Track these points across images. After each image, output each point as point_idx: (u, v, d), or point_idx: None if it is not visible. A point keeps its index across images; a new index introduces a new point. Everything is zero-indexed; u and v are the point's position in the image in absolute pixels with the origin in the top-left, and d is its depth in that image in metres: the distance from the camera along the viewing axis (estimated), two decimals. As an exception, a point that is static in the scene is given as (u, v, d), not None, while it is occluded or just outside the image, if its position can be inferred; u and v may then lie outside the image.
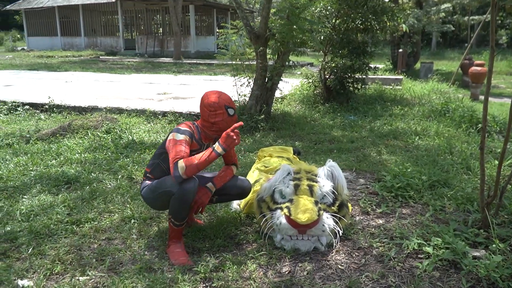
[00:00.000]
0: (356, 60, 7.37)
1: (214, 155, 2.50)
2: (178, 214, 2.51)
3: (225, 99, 2.66)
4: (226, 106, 2.64)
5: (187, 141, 2.56)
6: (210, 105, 2.63)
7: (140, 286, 2.30)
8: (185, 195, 2.44)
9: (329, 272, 2.43)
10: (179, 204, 2.47)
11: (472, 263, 2.30)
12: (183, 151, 2.49)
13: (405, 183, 3.49)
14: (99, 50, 24.64)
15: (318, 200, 2.65)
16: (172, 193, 2.47)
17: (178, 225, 2.58)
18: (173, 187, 2.46)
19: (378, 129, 5.87)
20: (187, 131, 2.60)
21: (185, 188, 2.44)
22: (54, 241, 2.84)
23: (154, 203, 2.68)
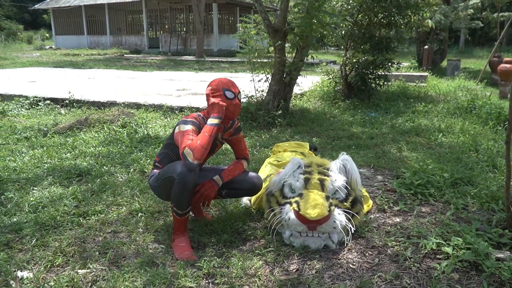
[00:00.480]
0: (378, 55, 7.14)
1: (211, 127, 2.43)
2: (179, 201, 2.42)
3: (225, 83, 2.57)
4: (224, 89, 2.54)
5: (194, 130, 2.48)
6: (210, 89, 2.56)
7: (140, 280, 2.22)
8: (185, 178, 2.34)
9: (339, 271, 2.29)
10: (180, 190, 2.37)
11: (495, 265, 2.11)
12: (190, 140, 2.41)
13: (425, 180, 3.30)
14: (124, 48, 24.98)
15: (330, 195, 2.51)
16: (174, 179, 2.38)
17: (180, 215, 2.48)
18: (174, 173, 2.38)
19: (399, 126, 5.65)
20: (192, 121, 2.53)
21: (185, 172, 2.34)
22: (59, 233, 2.79)
23: (160, 191, 2.61)
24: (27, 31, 37.77)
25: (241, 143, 2.85)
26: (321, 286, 2.15)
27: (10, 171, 4.01)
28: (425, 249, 2.41)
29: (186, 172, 2.35)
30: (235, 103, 2.57)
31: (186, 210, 2.47)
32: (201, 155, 2.35)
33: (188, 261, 2.40)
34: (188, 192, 2.39)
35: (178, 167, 2.39)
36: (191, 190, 2.40)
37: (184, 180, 2.35)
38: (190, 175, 2.36)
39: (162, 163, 2.68)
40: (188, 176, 2.35)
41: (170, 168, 2.46)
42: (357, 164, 4.07)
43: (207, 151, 2.39)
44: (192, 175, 2.36)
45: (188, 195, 2.40)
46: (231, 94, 2.56)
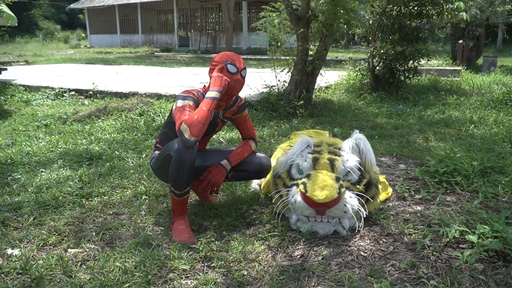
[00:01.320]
0: (408, 46, 6.80)
1: (209, 101, 2.25)
2: (177, 180, 2.25)
3: (229, 56, 2.40)
4: (227, 62, 2.36)
5: (191, 106, 2.31)
6: (213, 60, 2.39)
7: (131, 261, 2.07)
8: (182, 156, 2.18)
9: (348, 258, 2.07)
10: (177, 168, 2.21)
11: None
12: (187, 116, 2.24)
13: (451, 168, 3.02)
14: (155, 47, 25.30)
15: (341, 176, 2.29)
16: (171, 157, 2.22)
17: (178, 195, 2.32)
18: (171, 150, 2.22)
19: (428, 117, 5.32)
20: (190, 96, 2.36)
21: (182, 149, 2.18)
22: (58, 213, 2.69)
23: (160, 172, 2.44)
24: (64, 31, 38.87)
25: (246, 122, 2.67)
26: (327, 274, 1.94)
27: (23, 155, 3.98)
28: (447, 237, 2.15)
29: (183, 149, 2.19)
30: (236, 79, 2.39)
31: (184, 190, 2.31)
32: (199, 131, 2.18)
33: (185, 244, 2.24)
34: (186, 170, 2.23)
35: (175, 144, 2.23)
36: (189, 168, 2.23)
37: (181, 157, 2.19)
38: (187, 153, 2.19)
39: (162, 143, 2.53)
40: (186, 154, 2.19)
41: (168, 146, 2.31)
42: (379, 153, 3.84)
43: (205, 126, 2.22)
44: (189, 153, 2.20)
45: (186, 173, 2.24)
46: (234, 69, 2.39)
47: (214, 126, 2.59)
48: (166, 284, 1.91)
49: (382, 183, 2.81)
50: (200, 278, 1.94)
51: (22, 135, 4.86)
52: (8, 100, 6.82)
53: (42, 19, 40.75)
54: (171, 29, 26.43)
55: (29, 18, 41.73)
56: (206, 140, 2.70)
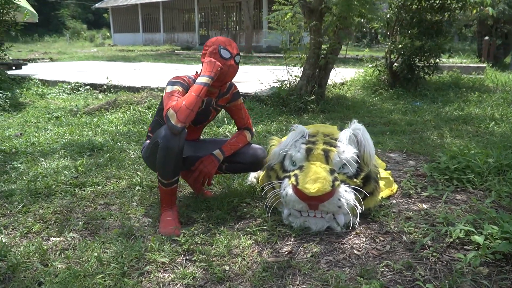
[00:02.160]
0: (427, 41, 6.53)
1: (199, 87, 2.14)
2: (164, 168, 2.14)
3: (222, 41, 2.27)
4: (220, 47, 2.24)
5: (180, 91, 2.20)
6: (206, 45, 2.27)
7: (110, 251, 1.97)
8: (169, 142, 2.06)
9: (340, 257, 1.92)
10: (163, 154, 2.10)
11: None
12: (175, 101, 2.13)
13: (463, 165, 2.81)
14: (176, 45, 25.43)
15: (336, 168, 2.13)
16: (158, 144, 2.11)
17: (166, 184, 2.21)
18: (159, 137, 2.11)
19: (446, 114, 5.07)
20: (179, 82, 2.25)
21: (169, 136, 2.07)
22: (49, 201, 2.63)
23: (151, 161, 2.31)
24: (90, 30, 39.60)
25: (241, 111, 2.53)
26: (314, 272, 1.79)
27: (28, 145, 3.96)
28: (450, 237, 1.97)
29: (170, 136, 2.07)
30: (229, 64, 2.26)
31: (171, 179, 2.20)
32: (186, 117, 2.06)
33: (170, 236, 2.12)
34: (173, 158, 2.11)
35: (162, 131, 2.12)
36: (176, 156, 2.11)
37: (168, 144, 2.08)
38: (174, 139, 2.07)
39: (153, 132, 2.43)
40: (172, 140, 2.07)
41: (156, 133, 2.20)
42: (388, 148, 3.65)
43: (193, 113, 2.10)
44: (176, 140, 2.08)
45: (172, 161, 2.12)
46: (227, 54, 2.26)
47: (207, 115, 2.47)
48: (142, 276, 1.80)
49: (385, 178, 2.63)
50: (178, 272, 1.82)
51: (32, 126, 4.86)
52: (24, 93, 6.88)
53: (70, 19, 41.65)
54: (192, 28, 26.53)
55: (57, 17, 42.75)
56: (199, 129, 2.58)
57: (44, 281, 1.75)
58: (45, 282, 1.74)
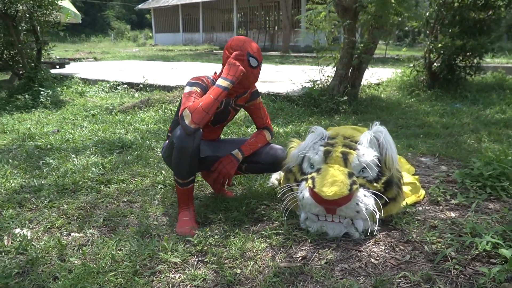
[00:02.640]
0: (469, 40, 6.23)
1: (218, 90, 2.11)
2: (179, 168, 2.15)
3: (252, 47, 2.22)
4: (248, 54, 2.19)
5: (198, 92, 2.18)
6: (232, 47, 2.22)
7: (125, 249, 1.99)
8: (183, 142, 2.06)
9: (356, 265, 1.84)
10: (178, 155, 2.10)
11: None
12: (191, 102, 2.12)
13: (498, 172, 2.64)
14: (214, 45, 25.70)
15: (355, 172, 2.05)
16: (174, 144, 2.11)
17: (182, 184, 2.21)
18: (174, 137, 2.11)
19: (486, 117, 4.81)
20: (197, 83, 2.23)
21: (183, 136, 2.07)
22: (75, 197, 2.70)
23: (169, 161, 2.33)
24: (134, 30, 40.74)
25: (260, 110, 2.50)
26: (326, 280, 1.73)
27: (63, 141, 4.10)
28: (476, 249, 1.85)
29: (184, 136, 2.07)
30: (256, 73, 2.24)
31: (187, 179, 2.20)
32: (200, 119, 2.05)
33: (185, 236, 2.12)
34: (187, 158, 2.10)
35: (178, 130, 2.12)
36: (191, 156, 2.10)
37: (182, 144, 2.07)
38: (188, 139, 2.06)
39: (172, 132, 2.43)
40: (186, 140, 2.06)
41: (173, 133, 2.20)
42: (420, 152, 3.50)
43: (209, 116, 2.08)
44: (191, 140, 2.07)
45: (187, 161, 2.12)
46: (255, 62, 2.22)
47: (226, 114, 2.45)
48: (153, 276, 1.80)
49: (411, 184, 2.52)
50: (189, 273, 1.81)
51: (69, 124, 5.04)
52: (65, 91, 7.15)
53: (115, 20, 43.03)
54: (231, 28, 26.72)
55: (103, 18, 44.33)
56: (218, 129, 2.56)
57: (59, 276, 1.79)
58: (60, 278, 1.78)
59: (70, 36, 39.14)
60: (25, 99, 6.06)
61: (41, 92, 6.22)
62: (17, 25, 6.33)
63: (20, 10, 6.34)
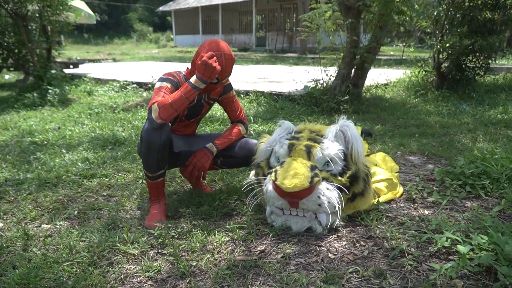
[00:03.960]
0: (478, 39, 6.07)
1: (190, 88, 2.07)
2: (147, 162, 2.16)
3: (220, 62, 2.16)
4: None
5: (168, 88, 2.19)
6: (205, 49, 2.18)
7: (88, 241, 2.01)
8: (150, 137, 2.07)
9: (312, 259, 1.81)
10: (145, 149, 2.12)
11: None
12: (161, 97, 2.14)
13: (480, 170, 2.56)
14: (233, 46, 25.80)
15: (318, 165, 2.02)
16: (142, 138, 2.13)
17: (151, 178, 2.22)
18: (143, 131, 2.13)
19: (488, 117, 4.67)
20: (169, 78, 2.24)
21: (150, 130, 2.08)
22: (55, 191, 2.75)
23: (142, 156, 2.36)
24: (156, 32, 41.34)
25: (233, 104, 2.49)
26: (278, 274, 1.71)
27: (60, 138, 4.19)
28: (436, 246, 1.79)
29: (151, 130, 2.08)
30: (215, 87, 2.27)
31: (156, 173, 2.21)
32: (167, 115, 2.06)
33: (151, 229, 2.13)
34: (155, 152, 2.11)
35: (145, 124, 2.14)
36: (158, 150, 2.11)
37: (149, 138, 2.09)
38: (155, 133, 2.08)
39: None
40: (153, 134, 2.08)
41: (143, 128, 2.21)
42: (409, 151, 3.43)
43: (177, 113, 2.08)
44: (157, 134, 2.08)
45: (155, 155, 2.13)
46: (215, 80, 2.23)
47: (200, 109, 2.46)
48: (109, 266, 1.82)
49: (388, 180, 2.47)
50: (144, 264, 1.82)
51: (72, 121, 5.14)
52: (73, 90, 7.30)
53: (137, 22, 43.80)
54: (250, 29, 26.80)
55: (126, 20, 45.15)
56: (193, 124, 2.57)
57: (18, 265, 1.82)
58: (19, 266, 1.81)
59: (93, 38, 40.07)
60: (33, 97, 6.22)
61: (49, 90, 6.37)
62: (27, 25, 6.50)
63: (30, 10, 6.51)
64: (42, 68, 6.85)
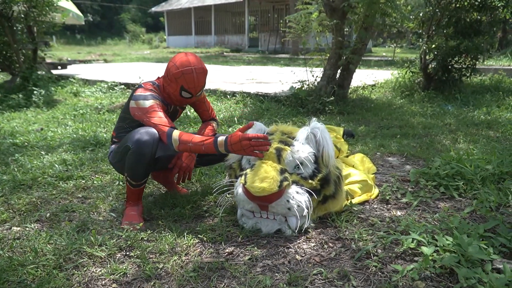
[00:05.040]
0: (464, 40, 6.10)
1: (212, 147, 2.00)
2: (134, 171, 2.13)
3: (187, 80, 2.15)
4: (182, 88, 2.17)
5: (159, 104, 2.17)
6: (172, 73, 2.16)
7: (55, 244, 1.99)
8: (141, 148, 2.04)
9: (279, 261, 1.81)
10: (135, 159, 2.08)
11: (471, 274, 1.45)
12: (163, 118, 2.12)
13: (455, 171, 2.57)
14: (225, 47, 25.80)
15: (288, 168, 2.02)
16: (129, 148, 2.10)
17: (135, 186, 2.20)
18: (130, 141, 2.09)
19: (471, 118, 4.70)
20: (152, 95, 2.19)
21: (142, 140, 2.04)
22: (29, 193, 2.72)
23: (120, 165, 2.29)
24: (149, 33, 41.25)
25: (205, 104, 2.49)
26: (243, 276, 1.70)
27: (41, 139, 4.15)
28: (402, 247, 1.79)
29: (143, 141, 2.04)
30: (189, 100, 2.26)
31: (141, 181, 2.19)
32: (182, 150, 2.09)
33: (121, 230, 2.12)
34: (145, 163, 2.09)
35: (135, 135, 2.08)
36: (149, 161, 2.10)
37: (140, 150, 2.05)
38: (147, 145, 2.04)
39: (119, 137, 2.41)
40: (146, 146, 2.04)
41: (126, 138, 2.17)
42: (389, 152, 3.43)
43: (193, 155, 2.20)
44: (149, 146, 2.04)
45: (143, 166, 2.10)
46: (188, 95, 2.21)
47: (175, 114, 2.46)
48: (75, 269, 1.80)
49: (362, 182, 2.47)
50: (110, 267, 1.80)
51: (56, 122, 5.10)
52: (58, 91, 7.25)
53: (130, 23, 43.67)
54: (243, 30, 26.80)
55: (119, 21, 45.04)
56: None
57: (-17, 268, 1.80)
58: (-17, 269, 1.79)
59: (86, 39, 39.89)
60: (18, 99, 6.16)
61: (34, 91, 6.32)
62: (12, 26, 6.45)
63: (16, 11, 6.46)
64: (28, 69, 6.80)
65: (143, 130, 2.07)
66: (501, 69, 7.90)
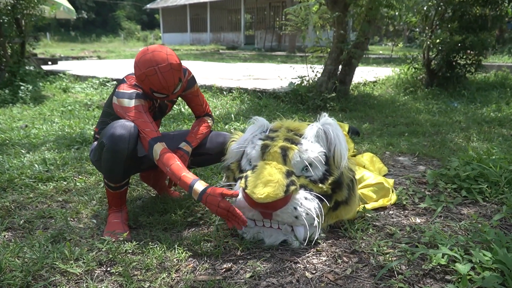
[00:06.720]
0: (468, 35, 5.86)
1: (186, 187, 1.77)
2: (110, 172, 1.85)
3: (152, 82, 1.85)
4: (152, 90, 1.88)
5: (144, 105, 1.89)
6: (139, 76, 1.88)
7: (25, 257, 1.71)
8: (116, 144, 1.76)
9: (286, 279, 1.54)
10: (110, 157, 1.80)
11: None
12: (148, 123, 1.86)
13: (476, 172, 2.31)
14: (221, 45, 25.49)
15: (295, 170, 1.75)
16: (104, 145, 1.82)
17: (113, 188, 1.93)
18: (104, 137, 1.81)
19: (481, 115, 4.45)
20: (137, 93, 1.91)
21: (116, 135, 1.77)
22: (3, 196, 2.44)
23: (100, 165, 2.02)
24: (144, 31, 40.84)
25: (198, 97, 2.21)
26: (244, 297, 1.43)
27: (24, 137, 3.87)
28: (430, 263, 1.53)
29: (117, 137, 1.76)
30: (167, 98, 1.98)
31: (120, 183, 1.92)
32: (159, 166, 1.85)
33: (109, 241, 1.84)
34: (121, 162, 1.81)
35: (109, 130, 1.80)
36: (126, 160, 1.82)
37: (114, 147, 1.77)
38: (122, 141, 1.76)
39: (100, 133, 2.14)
40: (120, 143, 1.76)
41: (102, 133, 1.89)
42: (399, 151, 3.18)
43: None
44: (125, 142, 1.77)
45: (121, 166, 1.82)
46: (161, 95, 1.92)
47: (164, 109, 2.18)
48: (45, 290, 1.53)
49: (377, 185, 2.20)
50: (86, 287, 1.53)
51: (42, 119, 4.81)
52: (47, 87, 6.95)
53: (125, 20, 43.24)
54: (239, 28, 26.49)
55: (114, 18, 44.57)
56: (158, 124, 2.28)
57: None
58: None
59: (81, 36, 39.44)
60: (4, 94, 5.86)
61: (21, 87, 6.02)
62: (-2, 18, 6.14)
63: (2, 2, 6.15)
64: (15, 63, 6.49)
65: (118, 123, 1.80)
66: (504, 66, 7.67)
